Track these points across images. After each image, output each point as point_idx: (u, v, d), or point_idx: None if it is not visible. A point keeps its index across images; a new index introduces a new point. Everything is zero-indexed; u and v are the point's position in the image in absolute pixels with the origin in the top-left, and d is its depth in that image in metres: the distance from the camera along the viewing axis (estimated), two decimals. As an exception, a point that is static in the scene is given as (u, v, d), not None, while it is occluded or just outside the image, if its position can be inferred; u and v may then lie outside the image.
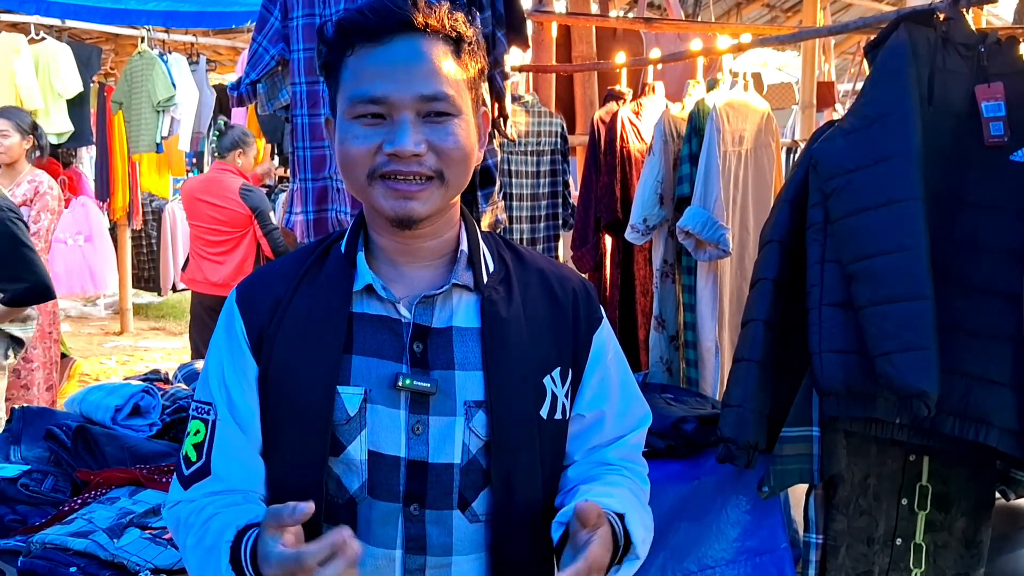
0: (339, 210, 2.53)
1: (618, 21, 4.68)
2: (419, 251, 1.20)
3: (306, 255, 1.23)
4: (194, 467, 1.18)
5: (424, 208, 1.13)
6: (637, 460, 1.33)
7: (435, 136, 1.11)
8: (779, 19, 9.28)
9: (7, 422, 2.29)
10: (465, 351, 1.17)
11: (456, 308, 1.19)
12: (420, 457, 1.14)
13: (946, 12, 2.04)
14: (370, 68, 1.11)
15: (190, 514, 1.16)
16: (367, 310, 1.17)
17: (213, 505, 1.15)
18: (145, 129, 6.31)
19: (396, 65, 1.10)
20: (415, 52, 1.11)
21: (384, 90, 1.10)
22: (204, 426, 1.18)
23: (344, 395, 1.14)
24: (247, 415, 1.17)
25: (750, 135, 3.01)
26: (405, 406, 1.14)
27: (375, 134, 1.11)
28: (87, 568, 1.63)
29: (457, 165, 1.13)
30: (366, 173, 1.12)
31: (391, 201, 1.12)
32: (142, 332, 8.52)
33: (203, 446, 1.17)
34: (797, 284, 2.10)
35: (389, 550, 1.15)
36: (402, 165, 1.10)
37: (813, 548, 2.21)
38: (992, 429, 1.96)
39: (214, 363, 1.20)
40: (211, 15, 5.57)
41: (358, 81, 1.12)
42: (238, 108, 5.58)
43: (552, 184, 3.52)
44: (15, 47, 5.75)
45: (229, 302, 1.21)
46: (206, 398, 1.19)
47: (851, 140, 2.01)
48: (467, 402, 1.15)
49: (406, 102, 1.10)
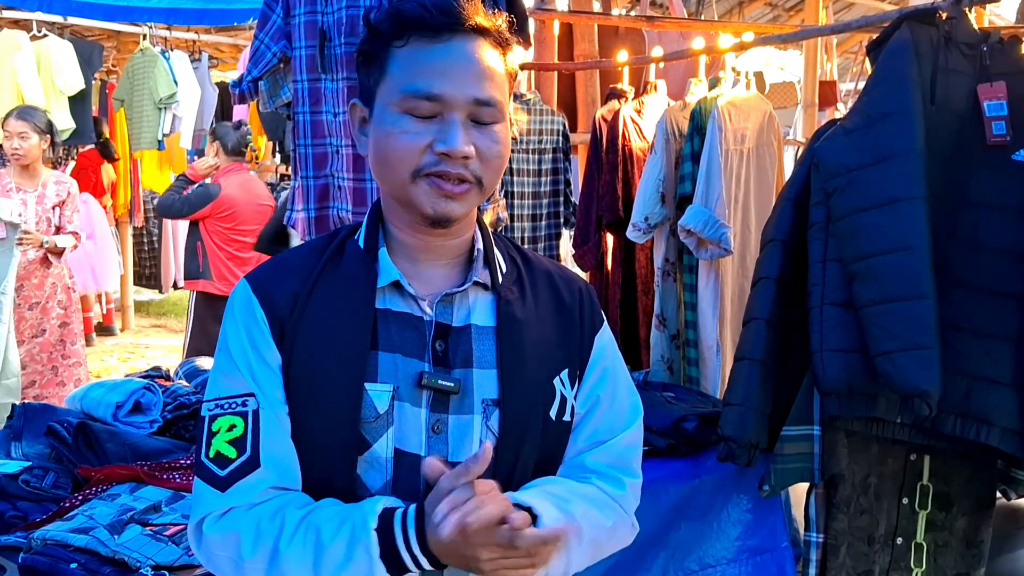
0: (340, 208, 2.53)
1: (620, 19, 4.67)
2: (440, 249, 1.19)
3: (321, 249, 1.21)
4: (236, 463, 1.09)
5: (461, 210, 1.13)
6: (620, 466, 1.26)
7: (481, 141, 1.11)
8: (781, 18, 9.27)
9: (8, 418, 2.29)
10: (483, 349, 1.17)
11: (473, 307, 1.19)
12: (440, 456, 1.13)
13: (948, 11, 2.04)
14: (427, 63, 1.10)
15: (261, 519, 1.07)
16: (391, 306, 1.16)
17: (293, 503, 1.08)
18: (147, 126, 6.31)
19: (454, 65, 1.10)
20: (471, 54, 1.11)
21: (441, 88, 1.09)
22: (242, 419, 1.11)
23: (372, 392, 1.12)
24: (280, 406, 1.13)
25: (752, 134, 3.01)
26: (427, 404, 1.14)
27: (426, 131, 1.10)
28: (88, 564, 1.63)
29: (495, 171, 1.14)
30: (411, 170, 1.10)
31: (433, 199, 1.11)
32: (143, 329, 8.53)
33: (245, 439, 1.10)
34: (799, 283, 2.10)
35: None
36: (450, 166, 1.09)
37: (814, 547, 2.21)
38: (993, 429, 1.96)
39: (239, 354, 1.14)
40: (213, 12, 5.56)
41: (413, 75, 1.10)
42: (240, 105, 5.57)
43: (554, 182, 3.52)
44: (17, 44, 5.74)
45: (243, 292, 1.17)
46: (237, 391, 1.13)
47: (853, 139, 2.01)
48: (484, 400, 1.15)
49: (460, 103, 1.09)
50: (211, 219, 5.00)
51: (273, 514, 1.07)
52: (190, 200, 4.96)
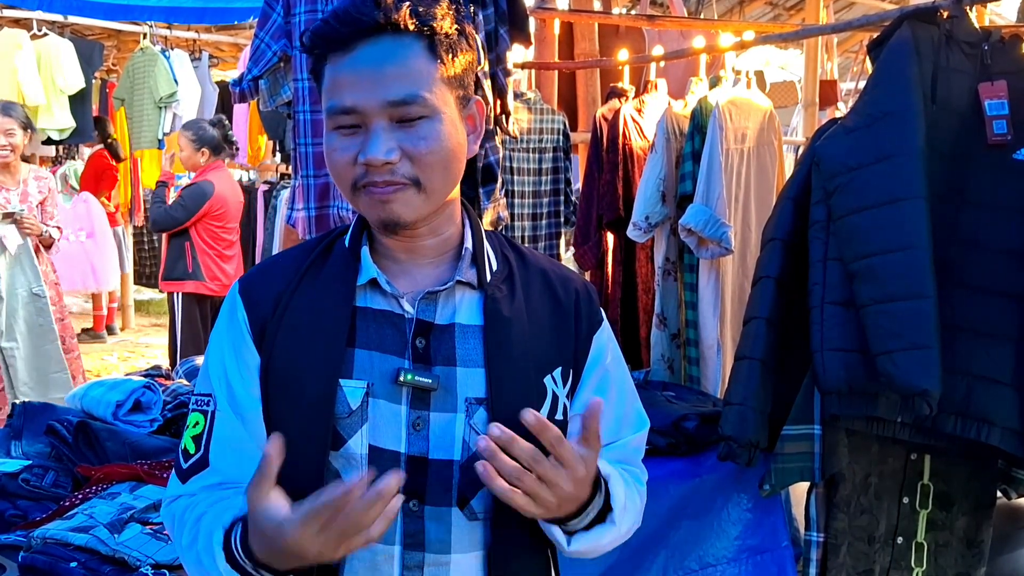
0: (341, 206, 2.53)
1: (621, 18, 4.67)
2: (420, 249, 1.19)
3: (310, 249, 1.22)
4: (192, 459, 1.16)
5: (406, 212, 1.11)
6: (635, 464, 1.31)
7: (408, 141, 1.09)
8: (782, 17, 9.28)
9: (8, 416, 2.29)
10: (467, 348, 1.16)
11: (459, 305, 1.18)
12: (420, 453, 1.13)
13: (949, 10, 2.04)
14: (340, 77, 1.09)
15: (184, 511, 1.16)
16: (370, 304, 1.17)
17: (206, 501, 1.14)
18: (147, 125, 6.31)
19: (361, 73, 1.08)
20: (382, 56, 1.08)
21: (353, 99, 1.08)
22: (203, 418, 1.17)
23: (346, 388, 1.13)
24: (248, 407, 1.16)
25: (752, 133, 3.01)
26: (406, 401, 1.14)
27: (352, 144, 1.10)
28: (88, 563, 1.63)
29: (433, 168, 1.11)
30: (350, 184, 1.11)
31: (375, 208, 1.11)
32: (143, 328, 8.53)
33: (202, 438, 1.16)
34: (799, 282, 2.10)
35: (388, 546, 1.14)
36: (376, 175, 1.09)
37: (814, 546, 2.21)
38: (994, 428, 1.96)
39: (215, 355, 1.19)
40: (214, 11, 5.56)
41: (331, 92, 1.10)
42: (240, 104, 5.56)
43: (554, 181, 3.52)
44: (17, 43, 5.75)
45: (232, 294, 1.20)
46: (206, 390, 1.18)
47: (854, 138, 2.01)
48: (468, 399, 1.15)
49: (375, 109, 1.08)
50: (205, 218, 4.93)
51: (194, 507, 1.15)
52: (186, 205, 4.87)
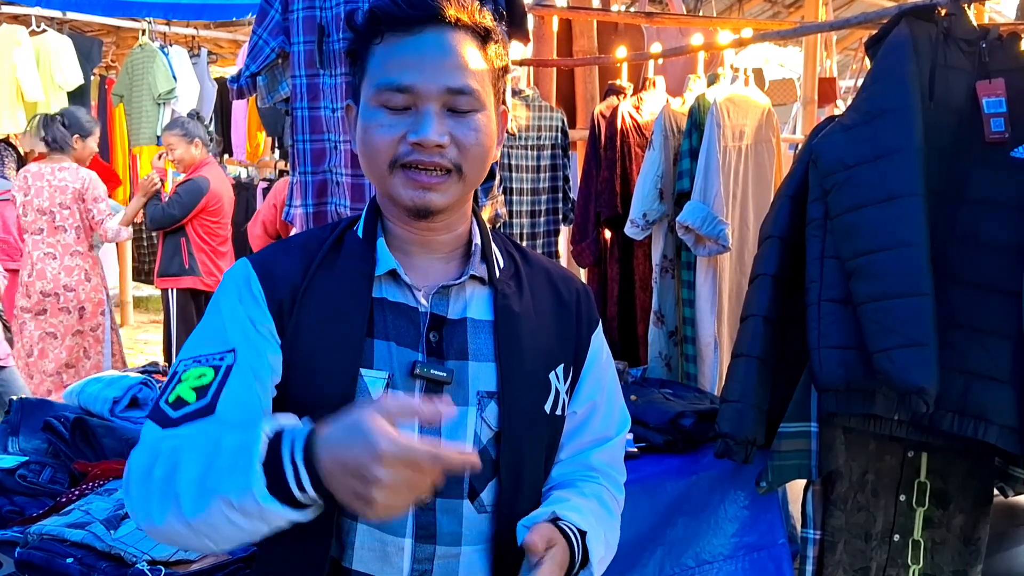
0: (338, 203, 2.53)
1: (619, 16, 4.66)
2: (433, 243, 1.21)
3: (320, 239, 1.22)
4: (191, 407, 1.05)
5: (441, 200, 1.14)
6: (617, 466, 1.35)
7: (458, 130, 1.12)
8: (781, 14, 9.27)
9: (6, 413, 2.29)
10: (479, 342, 1.18)
11: (470, 300, 1.20)
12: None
13: (947, 8, 2.03)
14: (399, 57, 1.11)
15: (181, 446, 0.99)
16: (387, 295, 1.18)
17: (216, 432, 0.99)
18: (146, 122, 6.31)
19: (425, 56, 1.11)
20: (444, 44, 1.12)
21: (412, 79, 1.10)
22: (213, 371, 1.08)
23: (367, 378, 1.13)
24: (263, 371, 1.11)
25: (750, 130, 3.01)
26: (419, 394, 1.15)
27: (400, 123, 1.11)
28: (84, 559, 1.63)
29: (476, 160, 1.14)
30: (388, 161, 1.12)
31: (410, 191, 1.13)
32: (142, 325, 8.53)
33: (209, 388, 1.06)
34: (796, 280, 2.10)
35: (399, 538, 1.14)
36: (424, 155, 1.11)
37: (811, 544, 2.21)
38: (991, 426, 1.96)
39: (231, 315, 1.13)
40: (212, 8, 5.56)
41: (386, 69, 1.12)
42: (238, 101, 5.57)
43: (552, 179, 3.51)
44: (16, 39, 5.75)
45: (243, 269, 1.17)
46: (219, 348, 1.10)
47: (852, 136, 2.01)
48: (479, 392, 1.17)
49: (432, 93, 1.10)
50: (201, 215, 4.92)
51: (198, 435, 1.01)
52: (183, 201, 4.87)
